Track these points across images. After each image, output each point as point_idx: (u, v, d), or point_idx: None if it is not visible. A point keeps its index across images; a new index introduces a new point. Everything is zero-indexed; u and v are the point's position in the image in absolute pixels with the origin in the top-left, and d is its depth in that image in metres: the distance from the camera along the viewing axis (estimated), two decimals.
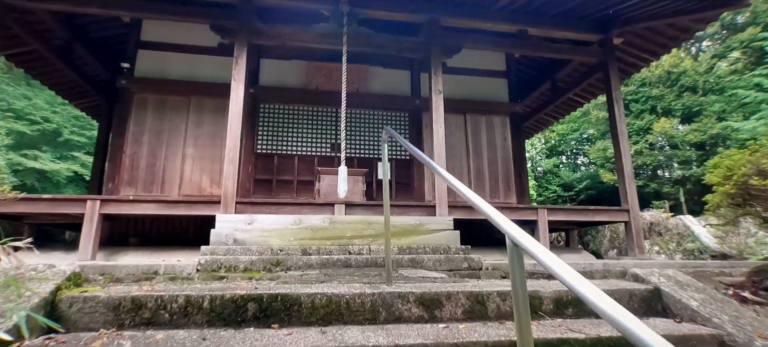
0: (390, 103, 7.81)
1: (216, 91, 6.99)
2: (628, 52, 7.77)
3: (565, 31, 7.12)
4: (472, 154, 7.88)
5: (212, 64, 7.33)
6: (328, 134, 7.56)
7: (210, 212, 5.50)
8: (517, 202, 7.85)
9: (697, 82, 15.03)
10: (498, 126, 8.21)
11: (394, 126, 7.85)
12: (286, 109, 7.53)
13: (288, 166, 7.26)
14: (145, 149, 6.85)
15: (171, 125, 7.03)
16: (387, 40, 6.64)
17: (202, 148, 7.02)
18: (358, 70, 7.42)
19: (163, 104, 7.09)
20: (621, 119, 6.99)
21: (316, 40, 6.43)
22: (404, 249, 5.02)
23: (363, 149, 7.63)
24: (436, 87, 6.50)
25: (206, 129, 7.11)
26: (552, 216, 6.41)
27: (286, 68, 7.65)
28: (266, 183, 7.12)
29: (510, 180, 7.96)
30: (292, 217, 5.43)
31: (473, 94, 8.17)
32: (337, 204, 5.81)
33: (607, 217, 6.74)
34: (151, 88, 7.06)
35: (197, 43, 7.38)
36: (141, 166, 6.77)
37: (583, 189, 19.64)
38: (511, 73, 8.53)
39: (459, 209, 6.17)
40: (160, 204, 5.44)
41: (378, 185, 7.48)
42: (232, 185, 5.54)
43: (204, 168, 6.96)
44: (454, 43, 6.81)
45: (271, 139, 7.33)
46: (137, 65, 7.14)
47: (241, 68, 5.94)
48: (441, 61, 6.66)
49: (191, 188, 6.84)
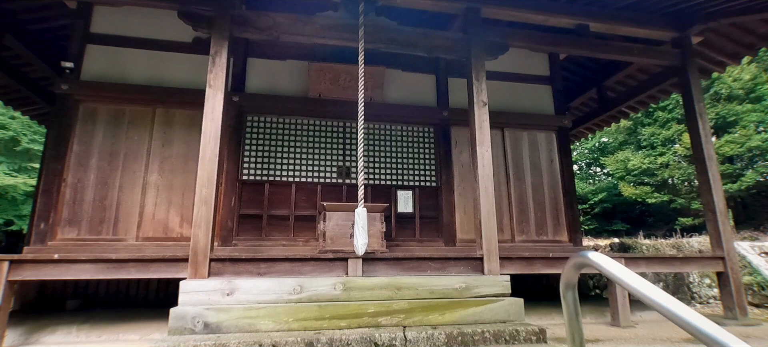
0: (411, 114, 6.23)
1: (190, 100, 5.35)
2: (703, 54, 6.30)
3: (632, 27, 5.64)
4: (513, 179, 6.33)
5: (185, 64, 5.69)
6: (334, 155, 5.95)
7: (174, 273, 3.88)
8: (568, 239, 6.32)
9: (732, 89, 13.71)
10: (542, 143, 6.68)
11: (417, 143, 6.27)
12: (280, 123, 5.90)
13: (283, 196, 5.64)
14: (92, 176, 5.17)
15: (129, 144, 5.37)
16: (415, 36, 5.06)
17: (171, 175, 5.37)
18: (372, 74, 5.84)
19: (120, 116, 5.42)
20: (707, 139, 5.51)
21: (320, 34, 4.83)
22: (454, 337, 3.45)
23: (378, 174, 6.03)
24: (479, 97, 4.96)
25: (176, 149, 5.46)
26: (633, 266, 4.86)
27: (280, 70, 6.03)
28: (254, 221, 5.48)
29: (559, 212, 6.42)
30: (290, 282, 3.82)
31: (512, 104, 6.63)
32: (351, 259, 4.20)
33: (698, 267, 5.25)
34: (104, 95, 5.39)
35: (165, 38, 5.73)
36: (86, 199, 5.10)
37: (598, 202, 18.26)
38: (556, 78, 7.01)
39: (514, 261, 4.62)
40: (101, 266, 3.79)
41: (398, 220, 5.89)
42: (205, 234, 3.92)
43: (172, 200, 5.30)
44: (500, 41, 5.26)
45: (260, 162, 5.70)
46: (85, 65, 5.46)
47: (219, 70, 4.33)
48: (483, 62, 5.12)
49: (155, 228, 5.18)
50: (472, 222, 6.10)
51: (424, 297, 4.04)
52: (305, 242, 5.48)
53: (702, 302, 8.65)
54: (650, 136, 15.50)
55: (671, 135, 14.68)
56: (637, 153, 16.49)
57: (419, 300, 3.98)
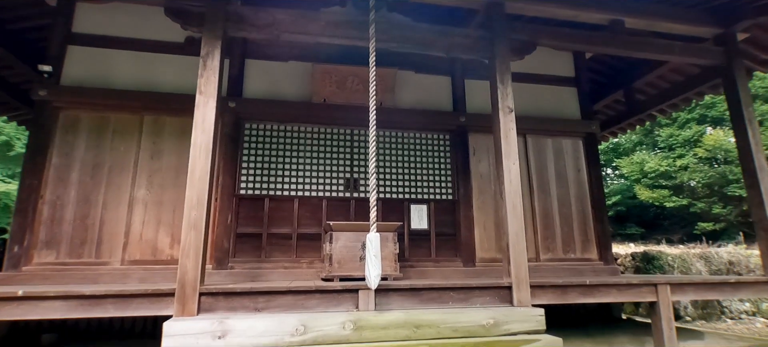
0: (425, 120, 5.67)
1: (182, 106, 4.81)
2: (746, 52, 5.70)
3: (671, 23, 5.06)
4: (537, 191, 5.76)
5: (177, 67, 5.16)
6: (340, 166, 5.40)
7: (159, 310, 3.36)
8: (598, 257, 5.75)
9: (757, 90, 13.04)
10: (568, 151, 6.10)
11: (431, 152, 5.71)
12: (281, 131, 5.37)
13: (284, 213, 5.10)
14: (73, 192, 4.65)
15: (114, 156, 4.85)
16: (432, 34, 4.51)
17: (160, 190, 4.84)
18: (382, 76, 5.28)
19: (104, 125, 4.90)
20: (758, 147, 4.92)
21: (325, 32, 4.30)
22: None
23: (389, 187, 5.48)
24: (504, 102, 4.40)
25: (167, 161, 4.93)
26: (679, 294, 4.32)
27: (281, 73, 5.50)
28: (253, 240, 4.94)
29: (587, 226, 5.85)
30: (292, 321, 3.29)
31: (534, 108, 6.05)
32: (362, 290, 3.66)
33: (752, 294, 4.65)
34: (86, 102, 4.87)
35: (155, 37, 5.21)
36: (67, 218, 4.58)
37: (612, 205, 17.61)
38: (582, 79, 6.42)
39: (546, 290, 4.07)
40: (74, 303, 3.26)
41: (411, 237, 5.33)
42: (194, 265, 3.40)
43: (162, 218, 4.78)
44: (526, 39, 4.71)
45: (260, 175, 5.16)
46: (66, 68, 4.94)
47: (211, 74, 3.81)
48: (509, 63, 4.56)
49: (142, 249, 4.66)
50: (493, 238, 5.55)
51: (447, 336, 3.50)
52: (309, 264, 4.95)
53: (733, 317, 8.03)
54: (668, 137, 14.85)
55: (691, 136, 14.03)
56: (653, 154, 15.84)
57: (441, 340, 3.44)
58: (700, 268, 9.48)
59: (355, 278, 4.30)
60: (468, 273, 5.20)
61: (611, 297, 4.22)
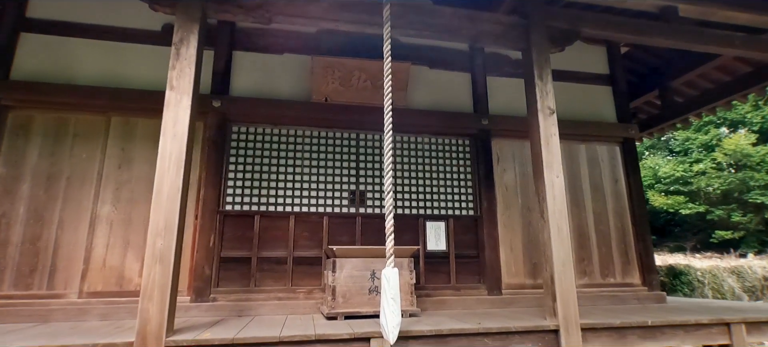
0: (442, 123, 4.90)
1: (158, 106, 3.96)
2: None
3: (732, 11, 4.29)
4: (570, 205, 5.00)
5: (152, 59, 4.37)
6: (344, 177, 4.62)
7: None
8: (641, 282, 4.99)
9: None
10: (604, 159, 5.35)
11: (449, 160, 4.94)
12: (275, 136, 4.58)
13: (278, 232, 4.30)
14: (22, 208, 3.85)
15: (74, 164, 4.05)
16: (457, 19, 3.75)
17: (129, 205, 4.04)
18: (394, 72, 4.44)
19: (62, 128, 4.10)
20: None
21: (328, 16, 3.54)
22: None
23: (401, 201, 4.69)
24: (544, 102, 3.66)
25: (137, 170, 4.13)
26: (756, 335, 3.56)
27: (275, 67, 4.71)
28: (240, 266, 4.14)
29: (628, 245, 5.10)
30: None
31: (565, 110, 5.26)
32: (374, 338, 2.89)
33: None
34: (42, 100, 4.06)
35: (126, 24, 4.42)
36: (13, 240, 3.77)
37: None
38: (617, 77, 5.67)
39: (599, 333, 3.32)
40: None
41: (427, 260, 4.55)
42: (159, 310, 2.64)
43: (131, 240, 3.97)
44: (567, 27, 3.96)
45: (249, 187, 4.37)
46: (18, 60, 4.14)
47: (185, 66, 3.04)
48: (548, 55, 3.81)
49: (105, 278, 3.85)
50: (521, 261, 4.78)
51: None
52: (307, 294, 4.16)
53: None
54: (685, 140, 14.15)
55: (709, 140, 13.33)
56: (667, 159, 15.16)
57: None
58: (733, 285, 8.72)
59: (364, 315, 3.53)
60: (494, 303, 4.43)
61: (677, 340, 3.46)
